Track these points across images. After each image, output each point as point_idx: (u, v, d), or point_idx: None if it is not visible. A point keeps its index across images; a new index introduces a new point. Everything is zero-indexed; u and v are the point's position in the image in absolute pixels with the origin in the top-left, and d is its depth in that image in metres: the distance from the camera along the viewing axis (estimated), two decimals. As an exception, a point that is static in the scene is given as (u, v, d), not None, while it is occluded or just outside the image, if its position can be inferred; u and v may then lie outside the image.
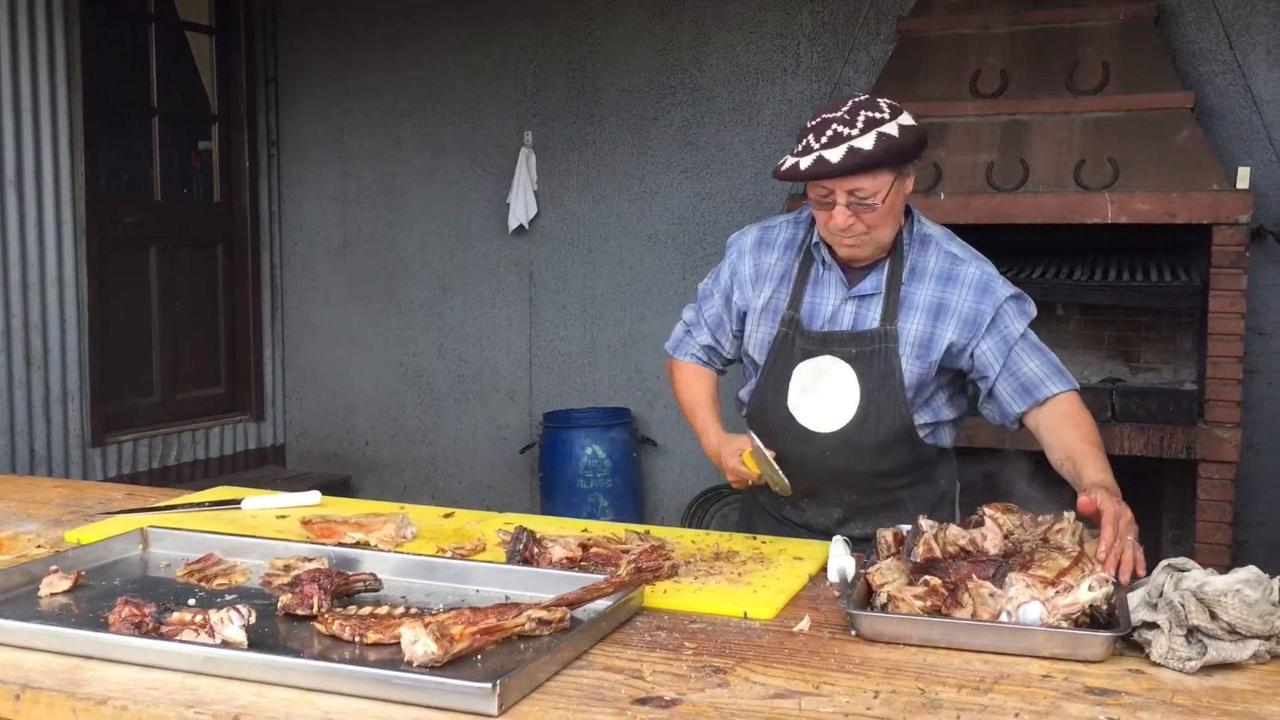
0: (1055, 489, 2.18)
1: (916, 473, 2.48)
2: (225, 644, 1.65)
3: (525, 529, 2.15)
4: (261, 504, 2.61)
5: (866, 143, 2.20)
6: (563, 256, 5.97)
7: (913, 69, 4.92)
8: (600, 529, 2.40)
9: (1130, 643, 1.69)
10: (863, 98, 2.29)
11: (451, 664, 1.58)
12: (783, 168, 2.27)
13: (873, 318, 2.36)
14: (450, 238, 6.20)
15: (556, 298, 5.99)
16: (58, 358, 5.37)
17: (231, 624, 1.67)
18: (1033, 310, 2.39)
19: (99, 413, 5.61)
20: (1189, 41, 4.81)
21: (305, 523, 2.35)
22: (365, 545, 2.23)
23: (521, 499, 6.04)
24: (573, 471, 5.49)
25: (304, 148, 6.50)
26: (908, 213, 2.42)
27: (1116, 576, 1.82)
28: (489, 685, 1.46)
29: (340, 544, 2.21)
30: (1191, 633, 1.64)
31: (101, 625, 1.73)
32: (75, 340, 5.45)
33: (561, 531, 2.31)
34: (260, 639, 1.70)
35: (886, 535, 2.08)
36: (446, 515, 2.55)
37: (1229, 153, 4.65)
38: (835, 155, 2.20)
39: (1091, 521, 1.97)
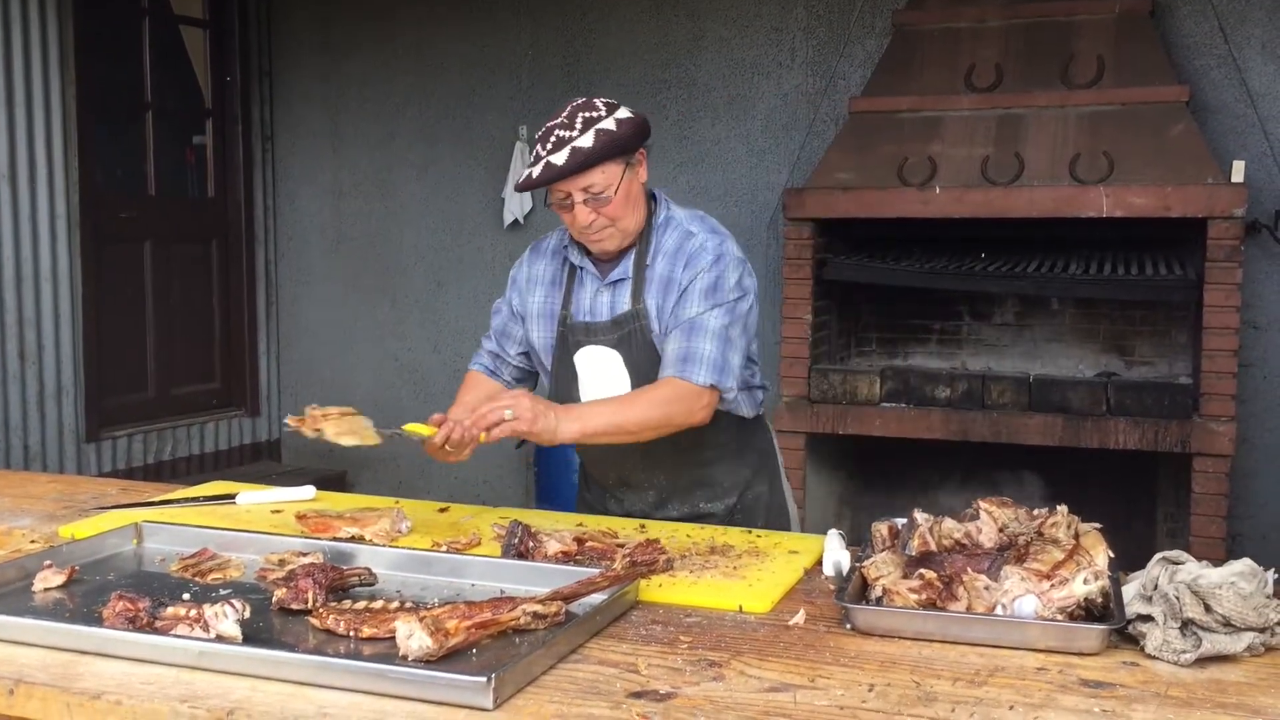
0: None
1: (719, 447, 2.54)
2: (220, 639, 1.64)
3: (520, 523, 2.15)
4: (256, 499, 2.61)
5: (587, 141, 2.31)
6: (558, 251, 5.95)
7: (907, 63, 4.92)
8: (595, 523, 2.40)
9: (1125, 635, 1.69)
10: (581, 101, 2.38)
11: (446, 658, 1.58)
12: (519, 180, 2.38)
13: (624, 301, 2.46)
14: (445, 232, 6.19)
15: (552, 292, 5.98)
16: (52, 353, 5.36)
17: (226, 619, 1.66)
18: (727, 294, 2.39)
19: (93, 408, 5.60)
20: (1184, 35, 4.82)
21: (300, 517, 2.35)
22: (360, 540, 2.22)
23: (517, 494, 6.03)
24: (568, 466, 5.48)
25: (298, 142, 6.48)
26: (656, 200, 2.51)
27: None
28: (484, 679, 1.46)
29: (335, 539, 2.21)
30: (1186, 625, 1.64)
31: (95, 620, 1.72)
32: (69, 336, 5.44)
33: (557, 526, 2.31)
34: (255, 634, 1.69)
35: (881, 529, 2.08)
36: (441, 510, 2.54)
37: (1224, 146, 4.66)
38: (560, 158, 2.30)
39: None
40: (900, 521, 2.07)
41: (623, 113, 2.38)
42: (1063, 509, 1.98)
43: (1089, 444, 4.37)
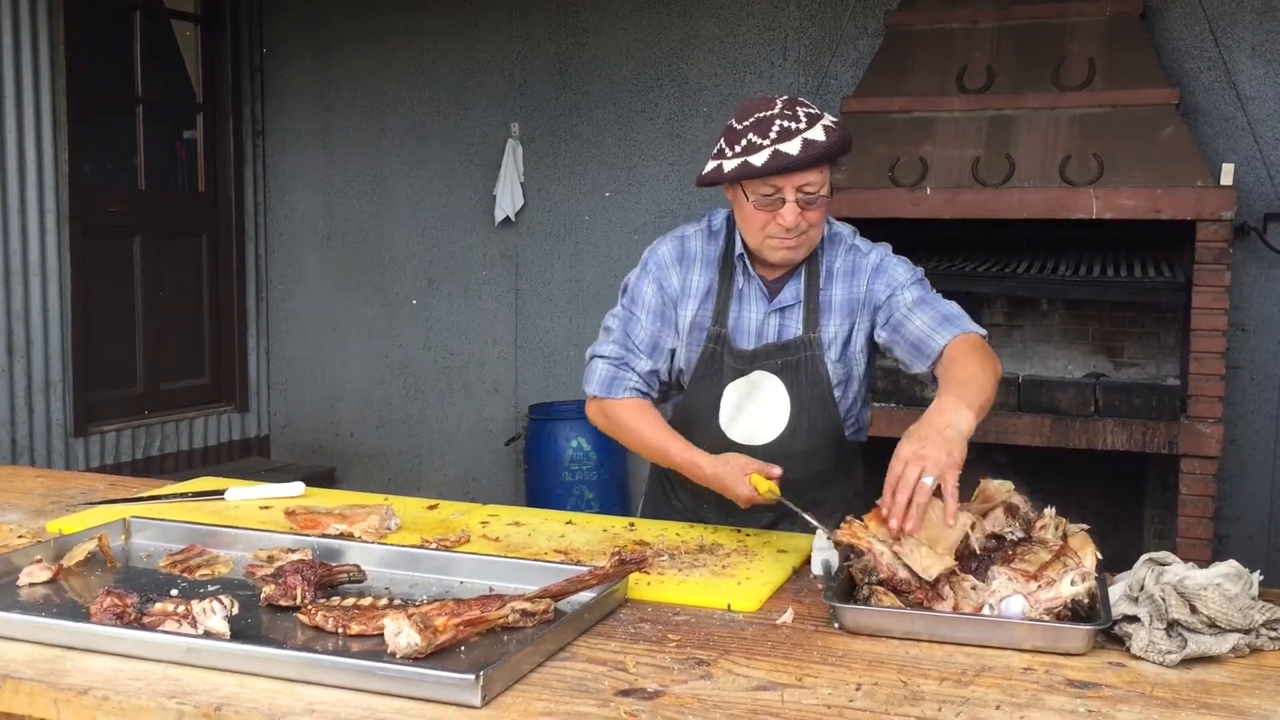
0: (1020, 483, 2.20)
1: (839, 470, 2.49)
2: (208, 635, 1.64)
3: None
4: (245, 495, 2.60)
5: (818, 134, 2.16)
6: (549, 249, 5.96)
7: (899, 63, 4.92)
8: (585, 521, 2.40)
9: (1111, 636, 1.70)
10: (784, 98, 2.24)
11: (435, 655, 1.58)
12: (725, 169, 2.19)
13: (795, 326, 2.35)
14: (436, 229, 6.18)
15: (543, 290, 5.99)
16: (40, 347, 5.34)
17: (214, 615, 1.66)
18: (920, 275, 2.37)
19: (82, 403, 5.58)
20: (1174, 38, 4.83)
21: (289, 514, 2.35)
22: (349, 537, 2.22)
23: (506, 491, 6.03)
24: (558, 464, 5.49)
25: (289, 138, 6.47)
26: None
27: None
28: (472, 676, 1.46)
29: (324, 535, 2.21)
30: (1172, 626, 1.65)
31: (83, 616, 1.72)
32: (58, 330, 5.42)
33: (546, 522, 2.31)
34: (243, 630, 1.69)
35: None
36: (430, 507, 2.54)
37: (1213, 149, 4.67)
38: (792, 148, 2.13)
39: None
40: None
41: (829, 118, 2.24)
42: (1050, 510, 1.99)
43: (1077, 445, 4.38)
